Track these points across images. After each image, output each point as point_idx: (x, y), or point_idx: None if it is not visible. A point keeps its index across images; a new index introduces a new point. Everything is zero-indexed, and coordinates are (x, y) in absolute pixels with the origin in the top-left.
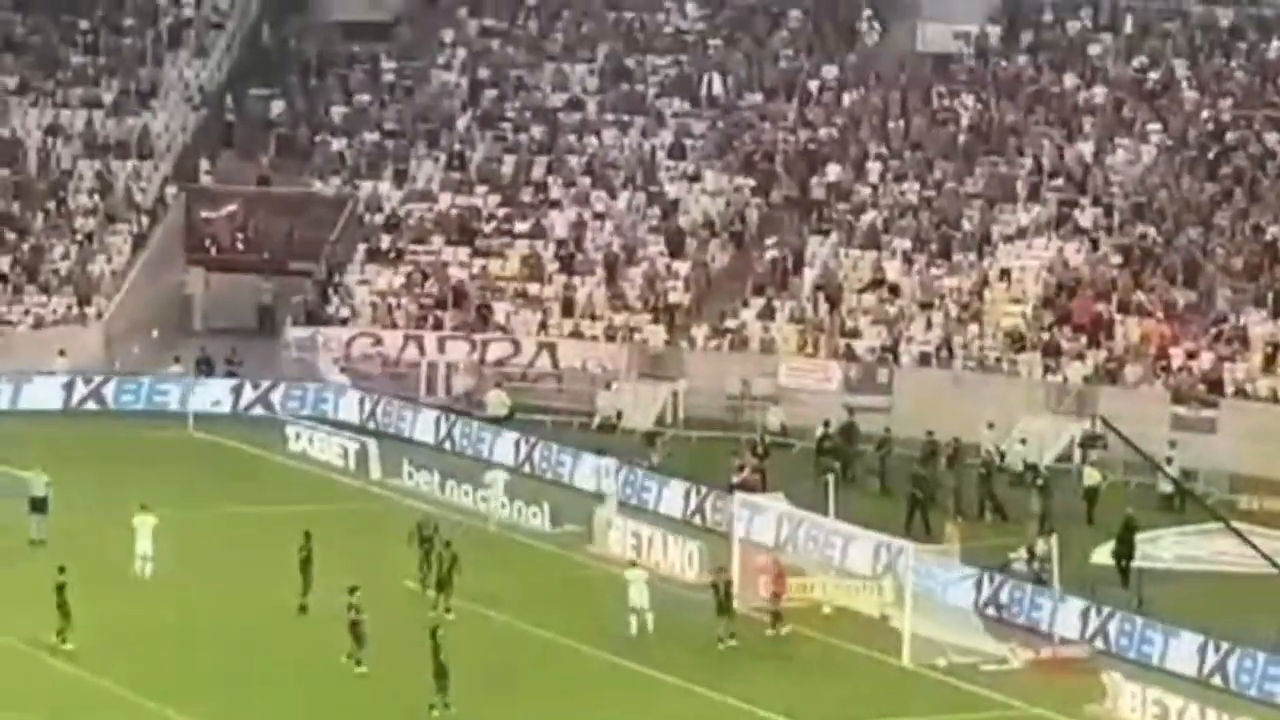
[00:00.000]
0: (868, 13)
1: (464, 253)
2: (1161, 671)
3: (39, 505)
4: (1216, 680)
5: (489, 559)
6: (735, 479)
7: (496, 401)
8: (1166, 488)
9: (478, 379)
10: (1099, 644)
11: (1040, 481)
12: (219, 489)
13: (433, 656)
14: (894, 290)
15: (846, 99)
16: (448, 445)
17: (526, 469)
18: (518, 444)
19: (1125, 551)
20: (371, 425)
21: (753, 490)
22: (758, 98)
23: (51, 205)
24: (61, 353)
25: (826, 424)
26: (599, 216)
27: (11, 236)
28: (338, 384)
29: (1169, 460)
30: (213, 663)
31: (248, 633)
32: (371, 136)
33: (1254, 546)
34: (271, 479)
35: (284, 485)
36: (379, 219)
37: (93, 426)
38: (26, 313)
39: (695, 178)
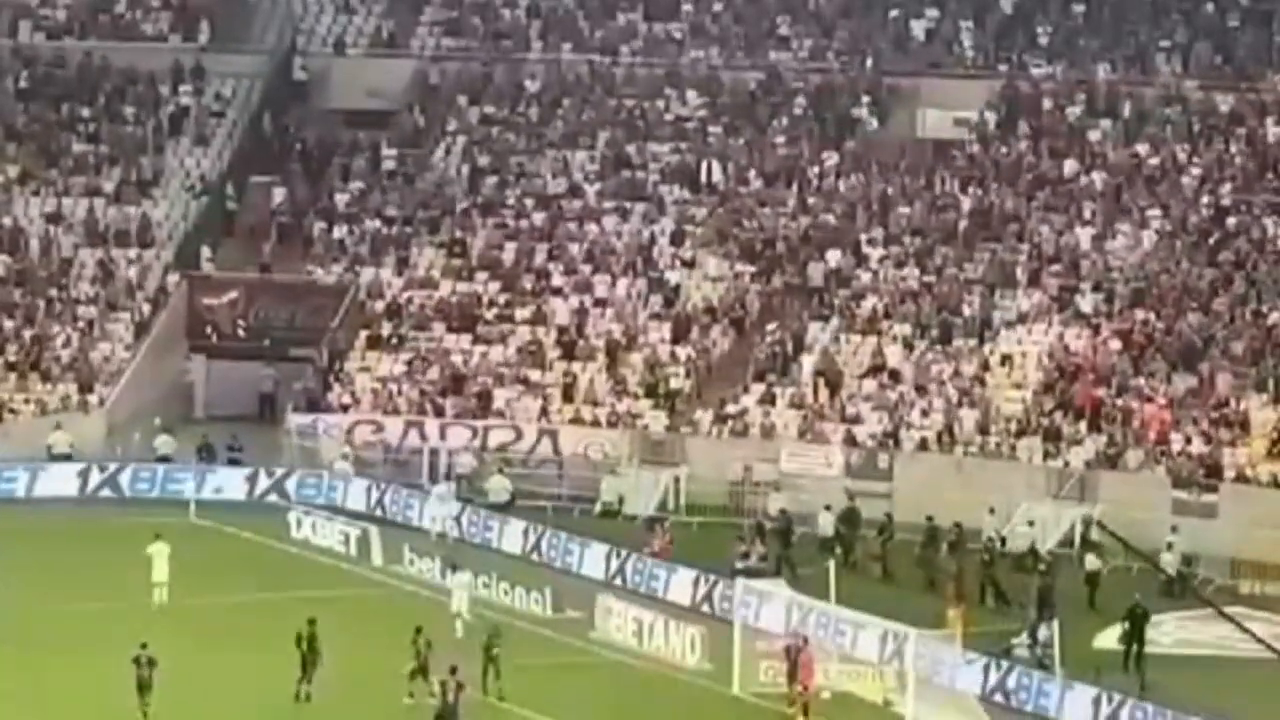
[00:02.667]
0: (867, 99)
1: (465, 339)
2: None
3: None
4: None
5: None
6: (738, 564)
7: (498, 487)
8: (1170, 571)
9: (478, 464)
10: None
11: (1042, 566)
12: (219, 576)
13: None
14: (894, 376)
15: (846, 185)
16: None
17: (534, 556)
18: (525, 532)
19: (1133, 638)
20: (379, 513)
21: (757, 576)
22: (758, 184)
23: (53, 293)
24: (58, 426)
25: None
26: (600, 303)
27: (13, 324)
28: (343, 471)
29: (1169, 546)
30: None
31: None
32: (372, 224)
33: (1249, 633)
34: (272, 566)
35: (285, 572)
36: (380, 306)
37: (95, 514)
38: (28, 400)
39: (696, 264)
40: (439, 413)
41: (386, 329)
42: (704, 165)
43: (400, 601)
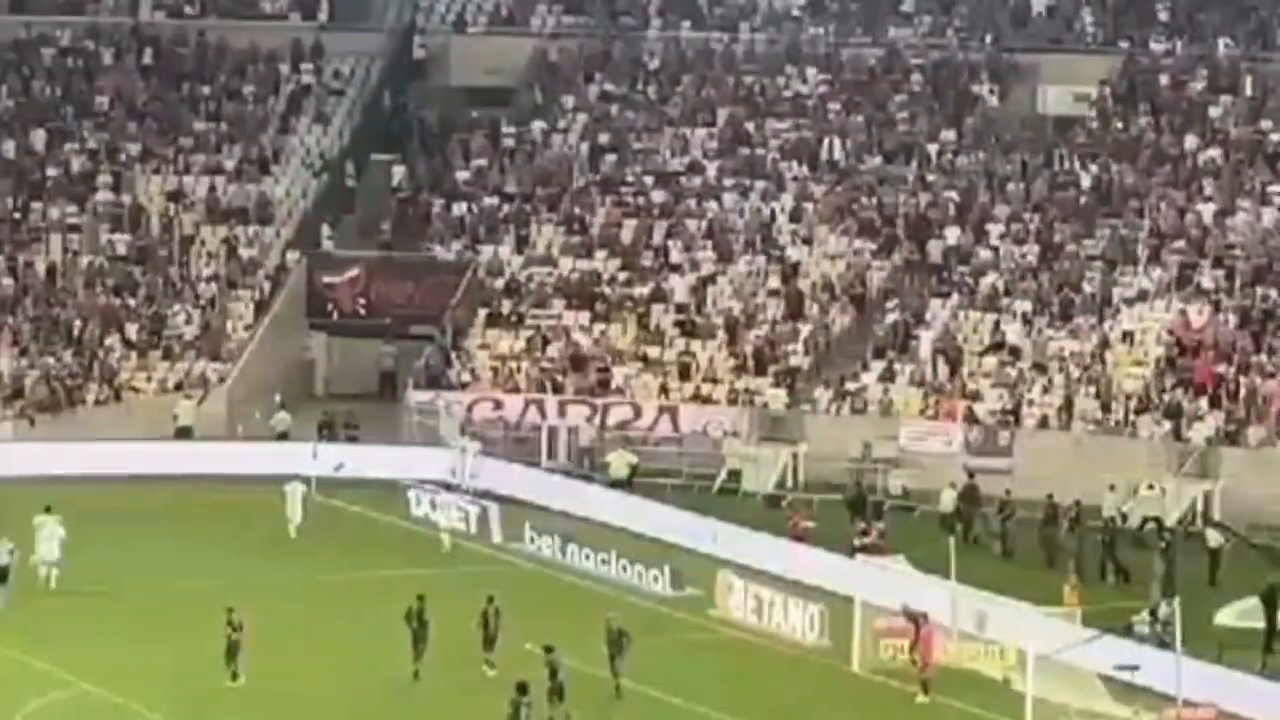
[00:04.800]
0: (987, 76)
1: (584, 317)
2: None
3: (1, 574)
4: None
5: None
6: (858, 542)
7: (619, 462)
8: None
9: (598, 441)
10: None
11: (1163, 544)
12: (339, 554)
13: None
14: (1014, 353)
15: (966, 162)
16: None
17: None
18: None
19: (1270, 618)
20: (499, 490)
21: (877, 553)
22: (878, 161)
23: (174, 271)
24: (188, 396)
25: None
26: (718, 280)
27: (134, 302)
28: (463, 449)
29: None
30: None
31: (357, 699)
32: (492, 201)
33: None
34: (393, 543)
35: (404, 549)
36: (499, 283)
37: (214, 491)
38: (149, 378)
39: (815, 241)
40: (558, 390)
41: (506, 306)
42: (824, 142)
43: (519, 579)
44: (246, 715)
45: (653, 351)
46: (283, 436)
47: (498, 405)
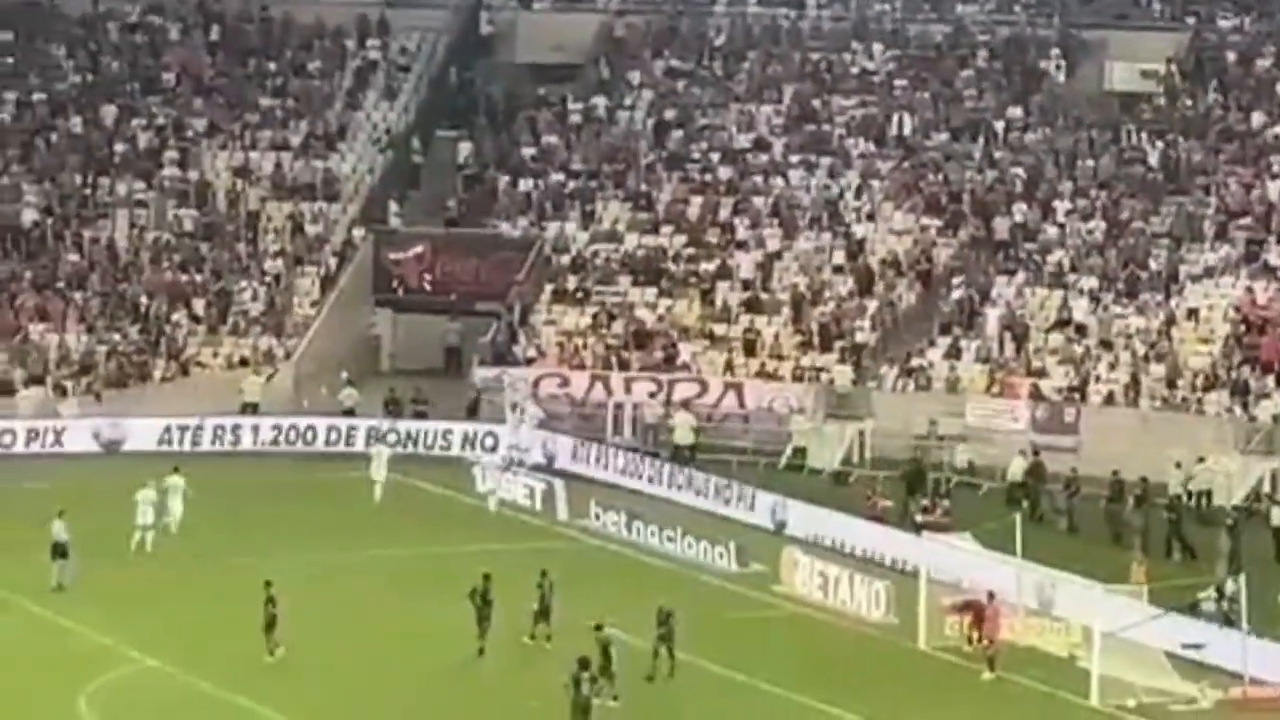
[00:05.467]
0: (1054, 52)
1: (650, 293)
2: None
3: (61, 550)
4: None
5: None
6: (920, 519)
7: (684, 425)
8: None
9: (665, 415)
10: None
11: (1229, 521)
12: (405, 529)
13: None
14: (1080, 329)
15: (1033, 138)
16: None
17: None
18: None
19: None
20: (564, 466)
21: (942, 530)
22: (944, 138)
23: (241, 247)
24: (255, 371)
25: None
26: (784, 256)
27: (201, 278)
28: (531, 421)
29: None
30: (393, 704)
31: (423, 674)
32: (558, 177)
33: None
34: (458, 519)
35: (470, 525)
36: (565, 260)
37: (281, 467)
38: (215, 354)
39: (881, 218)
40: (624, 366)
41: (572, 283)
42: (890, 119)
43: (585, 555)
44: (309, 691)
45: (719, 328)
46: (349, 412)
47: (563, 381)
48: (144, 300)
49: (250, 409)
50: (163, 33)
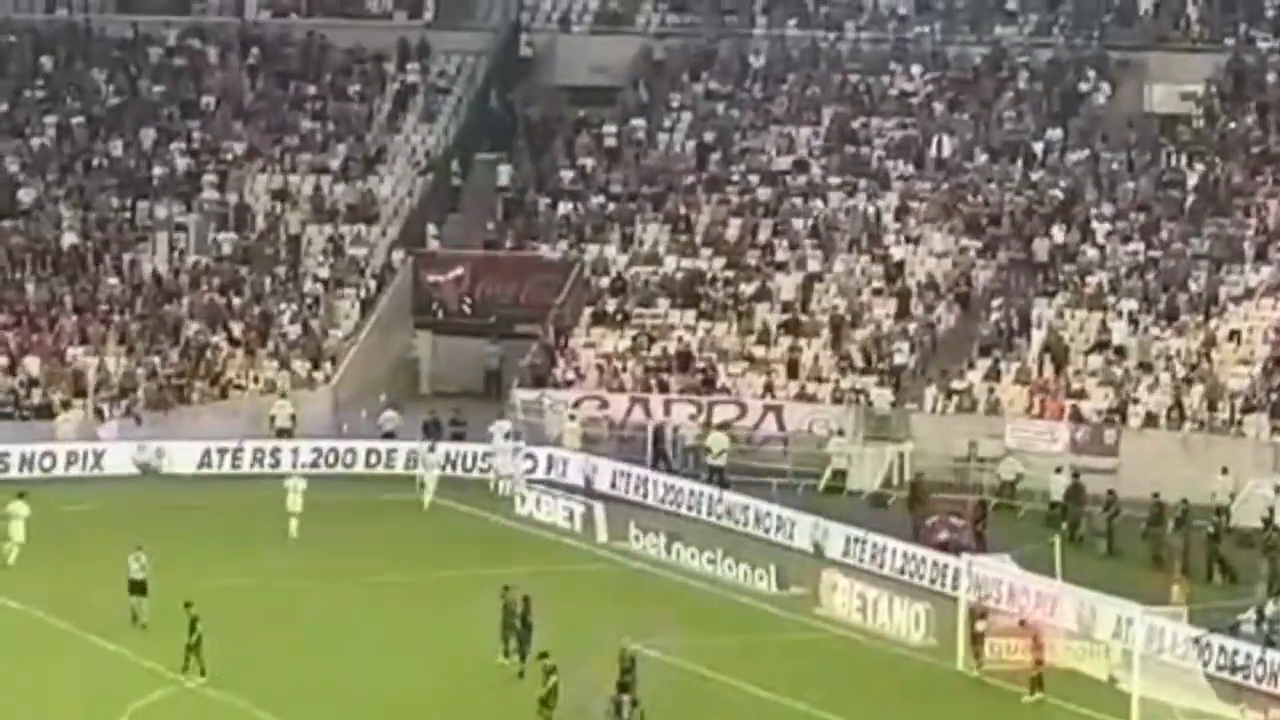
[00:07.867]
0: (1094, 74)
1: (690, 315)
2: None
3: (139, 588)
4: None
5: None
6: (941, 536)
7: (717, 443)
8: None
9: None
10: None
11: (1269, 543)
12: (444, 551)
13: None
14: (1120, 351)
15: (1072, 160)
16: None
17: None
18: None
19: None
20: (606, 489)
21: (960, 551)
22: (984, 159)
23: (280, 270)
24: (283, 395)
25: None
26: (824, 278)
27: (240, 301)
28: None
29: None
30: None
31: (466, 697)
32: (597, 200)
33: None
34: (497, 541)
35: (510, 547)
36: (605, 282)
37: (323, 490)
38: (256, 378)
39: (921, 240)
40: (663, 389)
41: (611, 305)
42: (930, 141)
43: (624, 578)
44: (353, 713)
45: (758, 350)
46: (389, 435)
47: (603, 404)
48: (184, 323)
49: (283, 434)
50: (202, 56)
